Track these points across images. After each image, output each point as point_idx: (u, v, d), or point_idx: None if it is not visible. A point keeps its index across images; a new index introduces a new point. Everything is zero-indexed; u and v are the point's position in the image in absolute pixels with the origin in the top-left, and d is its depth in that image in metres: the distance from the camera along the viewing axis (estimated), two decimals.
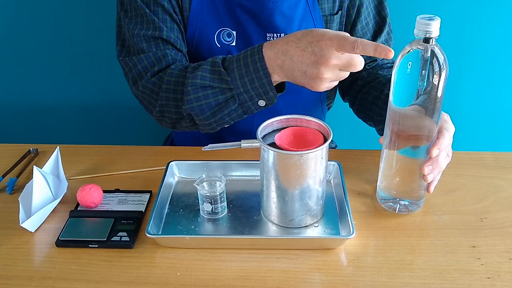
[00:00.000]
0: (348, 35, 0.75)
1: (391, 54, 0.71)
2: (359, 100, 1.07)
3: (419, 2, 1.41)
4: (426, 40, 0.69)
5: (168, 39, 0.95)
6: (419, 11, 1.01)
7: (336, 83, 0.81)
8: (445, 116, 0.82)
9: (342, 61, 0.76)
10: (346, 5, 1.02)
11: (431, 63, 0.70)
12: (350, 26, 1.05)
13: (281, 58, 0.79)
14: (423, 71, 0.71)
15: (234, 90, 0.84)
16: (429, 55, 0.70)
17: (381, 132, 0.82)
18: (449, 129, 0.80)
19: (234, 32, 0.98)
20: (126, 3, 0.97)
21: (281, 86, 0.87)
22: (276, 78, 0.82)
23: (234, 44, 0.99)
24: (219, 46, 0.99)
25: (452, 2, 1.40)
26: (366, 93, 1.04)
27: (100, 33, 1.47)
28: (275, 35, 0.98)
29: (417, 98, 0.72)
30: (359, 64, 0.77)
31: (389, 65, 1.09)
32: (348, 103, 1.15)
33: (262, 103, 0.85)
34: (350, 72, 1.11)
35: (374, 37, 1.07)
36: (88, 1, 1.42)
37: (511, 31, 1.44)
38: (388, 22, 1.07)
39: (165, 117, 0.94)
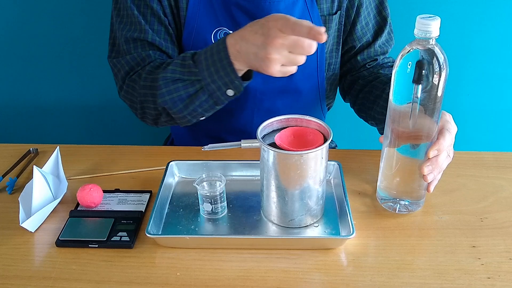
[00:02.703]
0: (292, 17, 0.74)
1: (322, 38, 0.71)
2: (360, 99, 1.07)
3: (419, 2, 1.41)
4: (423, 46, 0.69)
5: (153, 42, 0.96)
6: (419, 11, 1.01)
7: (292, 69, 0.80)
8: (447, 116, 0.82)
9: (288, 42, 0.75)
10: (345, 5, 1.02)
11: (431, 63, 0.70)
12: (349, 26, 1.05)
13: (239, 43, 0.80)
14: (423, 71, 0.71)
15: (202, 81, 0.85)
16: (423, 69, 0.70)
17: (382, 132, 0.83)
18: (451, 130, 0.80)
19: (231, 32, 0.98)
20: (119, 2, 0.98)
21: (249, 76, 0.87)
22: (237, 66, 0.82)
23: None
24: None
25: (452, 2, 1.40)
26: (367, 92, 1.04)
27: (100, 33, 1.46)
28: None
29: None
30: (306, 45, 0.75)
31: (390, 64, 1.10)
32: (349, 103, 1.15)
33: (230, 92, 0.86)
34: (350, 72, 1.12)
35: (375, 37, 1.07)
36: (88, 1, 1.42)
37: (511, 31, 1.44)
38: (389, 22, 1.08)
39: (146, 113, 0.95)
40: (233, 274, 0.71)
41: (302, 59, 0.78)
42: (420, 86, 0.72)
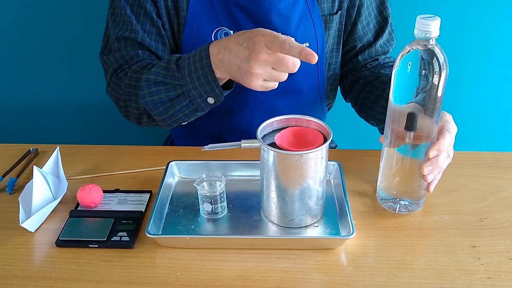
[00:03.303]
0: (281, 35, 0.75)
1: (314, 60, 0.72)
2: (361, 99, 1.07)
3: (419, 2, 1.41)
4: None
5: (143, 42, 0.97)
6: (419, 11, 1.01)
7: (273, 85, 0.81)
8: (447, 117, 0.82)
9: (273, 58, 0.76)
10: (345, 5, 1.02)
11: (431, 63, 0.70)
12: (350, 26, 1.05)
13: (222, 53, 0.81)
14: (423, 71, 0.71)
15: (184, 87, 0.86)
16: (415, 119, 0.73)
17: (383, 132, 0.83)
18: (451, 130, 0.80)
19: (232, 32, 0.98)
20: (114, 0, 0.99)
21: (231, 85, 0.89)
22: (219, 74, 0.83)
23: None
24: None
25: (452, 2, 1.40)
26: (368, 92, 1.04)
27: (100, 33, 1.46)
28: None
29: (416, 95, 0.72)
30: (291, 64, 0.76)
31: (391, 64, 1.10)
32: (350, 103, 1.15)
33: (211, 100, 0.87)
34: (352, 72, 1.12)
35: (376, 37, 1.07)
36: (87, 1, 1.42)
37: (511, 31, 1.44)
38: (390, 22, 1.08)
39: (130, 112, 0.97)
40: (233, 274, 0.71)
41: (284, 76, 0.79)
42: (412, 133, 0.75)
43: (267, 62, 0.76)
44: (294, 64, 0.76)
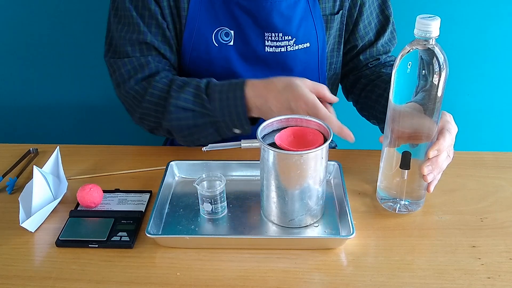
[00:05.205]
0: (321, 107, 0.83)
1: (351, 140, 0.84)
2: (362, 98, 1.07)
3: (419, 2, 1.41)
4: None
5: (152, 43, 0.96)
6: (419, 11, 1.01)
7: None
8: (448, 117, 0.82)
9: None
10: (347, 5, 1.02)
11: (431, 63, 0.70)
12: (352, 26, 1.05)
13: (260, 101, 0.86)
14: (423, 71, 0.71)
15: (213, 117, 0.88)
16: (410, 157, 0.75)
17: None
18: (451, 130, 0.80)
19: (232, 32, 0.98)
20: (117, 2, 0.98)
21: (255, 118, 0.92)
22: (252, 115, 0.88)
23: (232, 43, 0.99)
24: (217, 45, 0.99)
25: (452, 2, 1.40)
26: (369, 91, 1.04)
27: (100, 33, 1.45)
28: (273, 34, 0.98)
29: (416, 95, 0.72)
30: None
31: (392, 63, 1.09)
32: (351, 102, 1.15)
33: (237, 131, 0.90)
34: (353, 71, 1.13)
35: (377, 37, 1.07)
36: (87, 1, 1.42)
37: (511, 31, 1.44)
38: (391, 22, 1.07)
39: (144, 123, 0.97)
40: (233, 274, 0.71)
41: None
42: (406, 171, 0.77)
43: None
44: None
